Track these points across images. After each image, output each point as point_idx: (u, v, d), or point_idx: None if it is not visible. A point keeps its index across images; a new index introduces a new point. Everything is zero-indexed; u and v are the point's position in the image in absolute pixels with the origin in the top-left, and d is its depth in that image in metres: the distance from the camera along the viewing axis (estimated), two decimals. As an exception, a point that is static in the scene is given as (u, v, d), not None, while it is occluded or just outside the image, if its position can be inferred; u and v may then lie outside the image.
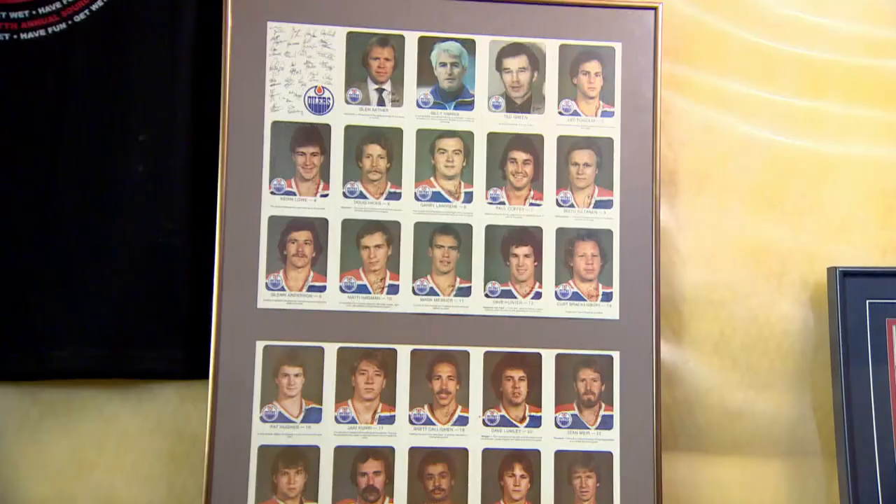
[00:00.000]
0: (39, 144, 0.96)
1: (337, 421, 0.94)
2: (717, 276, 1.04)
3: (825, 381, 1.02)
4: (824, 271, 1.02)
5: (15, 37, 0.96)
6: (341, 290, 0.96)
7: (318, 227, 0.97)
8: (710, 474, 1.02)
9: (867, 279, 1.00)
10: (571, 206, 0.99)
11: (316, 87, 0.98)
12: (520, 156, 0.99)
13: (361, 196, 0.97)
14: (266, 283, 0.95)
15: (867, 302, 1.00)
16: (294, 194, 0.97)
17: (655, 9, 1.01)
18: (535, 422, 0.96)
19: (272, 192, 0.96)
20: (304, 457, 0.94)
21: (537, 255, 0.98)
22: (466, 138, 0.99)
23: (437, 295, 0.97)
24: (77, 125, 0.96)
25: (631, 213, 0.99)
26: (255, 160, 0.96)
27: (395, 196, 0.98)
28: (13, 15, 0.96)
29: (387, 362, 0.96)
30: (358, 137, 0.98)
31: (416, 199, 0.98)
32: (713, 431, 1.02)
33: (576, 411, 0.97)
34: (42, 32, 0.96)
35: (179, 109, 0.97)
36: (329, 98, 0.98)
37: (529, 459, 0.96)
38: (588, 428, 0.97)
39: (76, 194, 0.96)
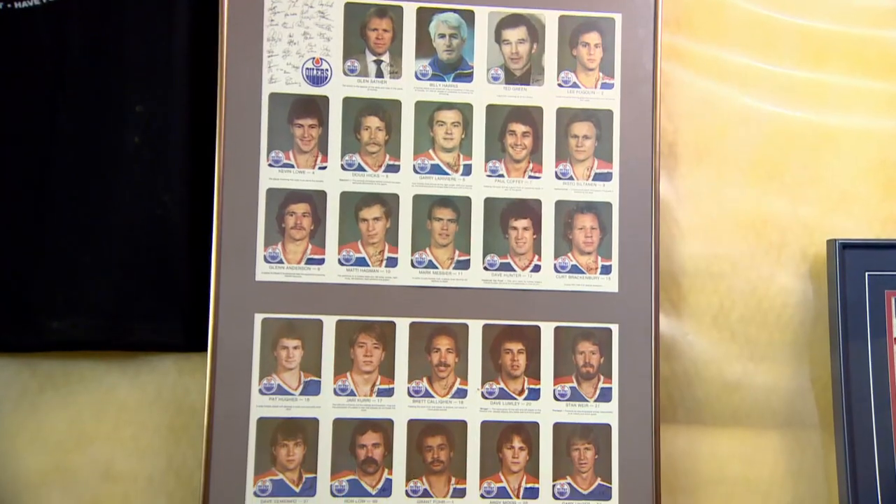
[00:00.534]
0: (35, 115, 0.95)
1: (336, 393, 0.94)
2: (717, 249, 1.03)
3: (824, 353, 1.02)
4: (824, 243, 1.02)
5: (9, 6, 0.95)
6: (340, 262, 0.96)
7: (316, 200, 0.96)
8: (708, 446, 1.02)
9: (867, 251, 1.00)
10: (571, 178, 0.99)
11: (314, 58, 0.97)
12: (519, 128, 0.99)
13: (360, 168, 0.97)
14: (264, 256, 0.95)
15: (866, 274, 1.00)
16: (292, 166, 0.96)
17: (656, -21, 1.00)
18: (534, 394, 0.96)
19: (270, 165, 0.96)
20: (303, 429, 0.94)
21: (536, 227, 0.98)
22: (465, 110, 0.98)
23: (436, 268, 0.97)
24: (73, 96, 0.96)
25: (630, 185, 0.99)
26: (252, 132, 0.96)
27: (393, 168, 0.97)
28: (7, -15, 0.95)
29: (385, 335, 0.96)
30: (356, 109, 0.97)
31: (415, 171, 0.97)
32: (712, 404, 1.02)
33: (574, 384, 0.97)
34: (36, 2, 0.95)
35: (176, 80, 0.96)
36: (327, 70, 0.97)
37: (528, 431, 0.96)
38: (587, 400, 0.97)
39: (73, 165, 0.95)
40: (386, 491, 0.94)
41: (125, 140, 0.96)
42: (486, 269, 0.97)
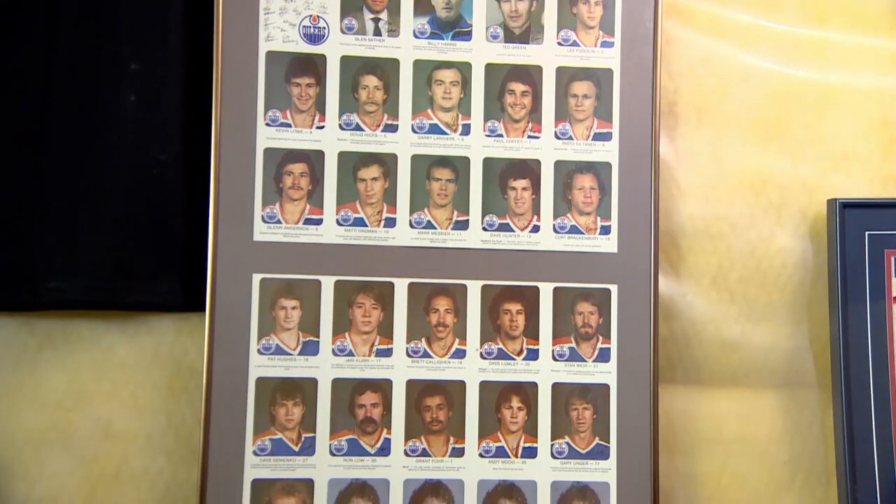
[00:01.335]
0: (30, 76, 0.95)
1: (334, 353, 0.94)
2: (716, 209, 1.03)
3: (822, 314, 1.02)
4: (824, 203, 1.01)
5: (2, -36, 0.94)
6: (338, 222, 0.95)
7: (314, 160, 0.95)
8: (706, 406, 1.02)
9: (867, 210, 0.99)
10: (570, 138, 0.98)
11: (311, 16, 0.96)
12: (518, 87, 0.98)
13: (358, 128, 0.96)
14: (262, 216, 0.95)
15: (866, 233, 0.99)
16: (289, 126, 0.95)
17: (657, -65, 0.99)
18: (533, 354, 0.96)
19: (267, 124, 0.95)
20: (302, 389, 0.94)
21: (535, 188, 0.97)
22: (464, 69, 0.97)
23: (435, 228, 0.96)
24: (68, 55, 0.95)
25: (630, 145, 0.98)
26: (249, 91, 0.95)
27: (391, 128, 0.96)
28: (1, -58, 0.94)
29: (384, 295, 0.95)
30: (354, 68, 0.96)
31: (414, 131, 0.97)
32: (710, 364, 1.03)
33: (573, 344, 0.97)
34: (30, -41, 0.94)
35: (172, 38, 0.96)
36: (324, 28, 0.96)
37: (527, 391, 0.96)
38: (585, 361, 0.97)
39: (68, 125, 0.95)
40: (385, 450, 0.94)
41: (121, 99, 0.95)
42: (484, 229, 0.97)
